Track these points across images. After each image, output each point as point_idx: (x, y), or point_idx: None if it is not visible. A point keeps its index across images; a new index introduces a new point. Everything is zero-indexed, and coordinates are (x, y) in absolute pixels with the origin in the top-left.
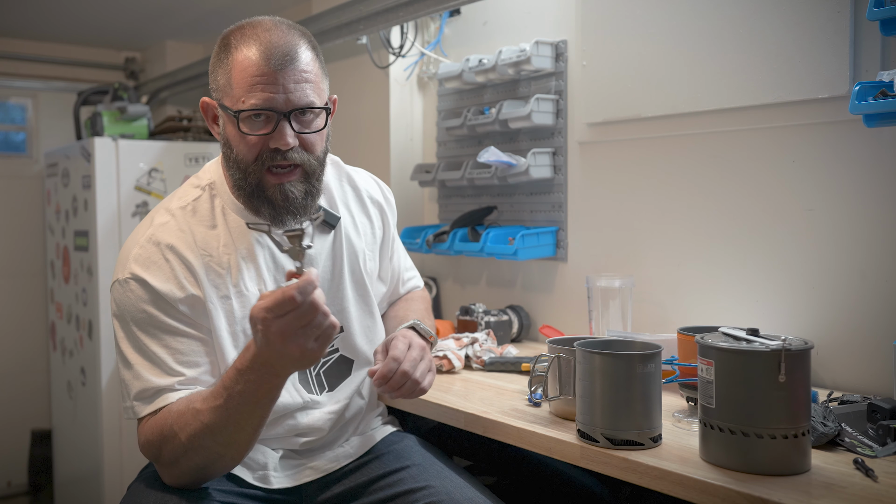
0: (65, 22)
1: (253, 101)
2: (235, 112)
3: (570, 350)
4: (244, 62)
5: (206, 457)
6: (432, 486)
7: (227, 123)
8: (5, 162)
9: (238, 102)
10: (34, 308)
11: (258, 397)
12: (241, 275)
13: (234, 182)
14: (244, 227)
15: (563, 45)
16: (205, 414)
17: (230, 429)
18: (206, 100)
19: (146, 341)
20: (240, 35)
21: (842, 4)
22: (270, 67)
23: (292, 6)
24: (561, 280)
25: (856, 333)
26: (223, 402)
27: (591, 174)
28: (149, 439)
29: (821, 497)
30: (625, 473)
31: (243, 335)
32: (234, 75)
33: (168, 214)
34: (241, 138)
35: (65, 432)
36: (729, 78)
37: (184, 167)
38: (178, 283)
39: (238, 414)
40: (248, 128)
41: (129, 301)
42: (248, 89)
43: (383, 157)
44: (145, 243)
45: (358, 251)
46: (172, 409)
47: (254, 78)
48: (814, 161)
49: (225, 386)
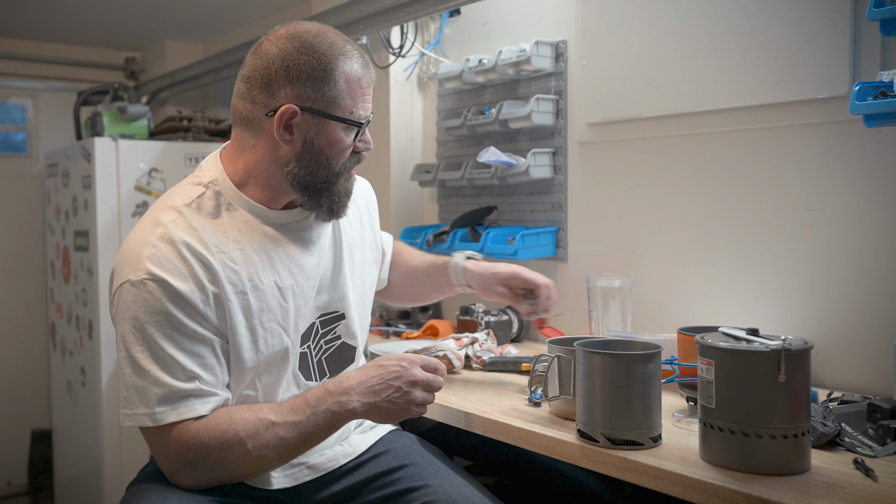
0: (65, 22)
1: (362, 111)
2: (358, 122)
3: (570, 350)
4: (353, 74)
5: (258, 466)
6: (430, 486)
7: (323, 132)
8: (5, 162)
9: (349, 112)
10: (34, 308)
11: (336, 422)
12: (254, 268)
13: (299, 180)
14: (251, 222)
15: (563, 45)
16: (281, 427)
17: (299, 445)
18: (293, 107)
19: (163, 344)
20: (329, 44)
21: (842, 4)
22: (370, 80)
23: (292, 6)
24: (561, 280)
25: (856, 333)
26: (303, 419)
27: (591, 174)
28: (203, 442)
29: (821, 497)
30: (625, 473)
31: (261, 328)
32: (345, 87)
33: (174, 212)
34: (343, 145)
35: (65, 432)
36: (729, 78)
37: (184, 167)
38: (198, 283)
39: (312, 435)
40: (353, 136)
41: (145, 303)
42: (360, 100)
43: (383, 157)
44: (157, 242)
45: (353, 241)
46: (237, 417)
47: (364, 90)
48: (814, 161)
49: (309, 404)
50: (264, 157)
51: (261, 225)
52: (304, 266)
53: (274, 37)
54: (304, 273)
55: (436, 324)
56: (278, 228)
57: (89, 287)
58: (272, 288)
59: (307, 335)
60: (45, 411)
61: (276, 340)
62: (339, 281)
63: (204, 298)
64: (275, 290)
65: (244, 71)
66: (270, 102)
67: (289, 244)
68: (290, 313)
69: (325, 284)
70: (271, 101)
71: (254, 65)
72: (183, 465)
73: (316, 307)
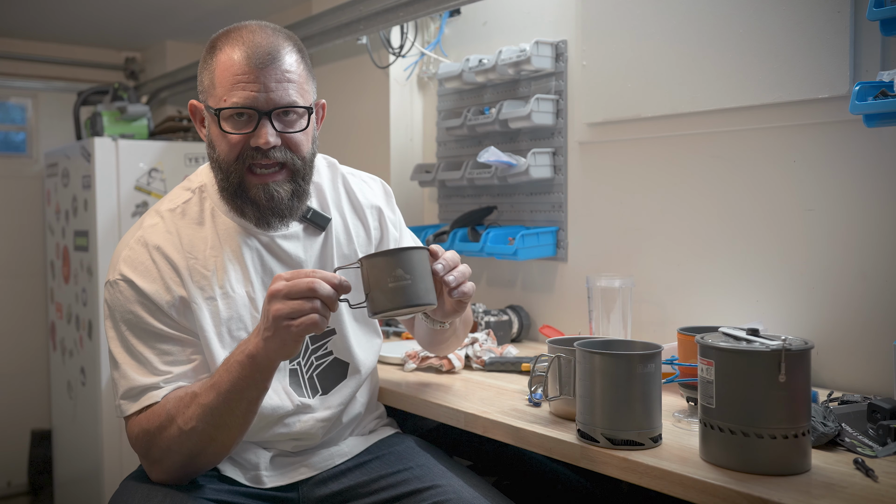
0: (65, 22)
1: (234, 99)
2: (217, 110)
3: (570, 350)
4: (227, 62)
5: (197, 442)
6: (440, 486)
7: (210, 124)
8: (5, 162)
9: (220, 101)
10: (34, 308)
11: (251, 373)
12: (227, 276)
13: (218, 183)
14: (233, 229)
15: (563, 45)
16: (201, 395)
17: (223, 408)
18: (194, 102)
19: (133, 342)
20: (225, 38)
21: (842, 4)
22: (252, 66)
23: (292, 6)
24: (561, 280)
25: (856, 333)
26: (217, 379)
27: (591, 174)
28: (145, 429)
29: (821, 497)
30: (625, 473)
31: (229, 336)
32: (217, 75)
33: (157, 216)
34: (222, 137)
35: (65, 432)
36: (729, 78)
37: (184, 167)
38: (163, 285)
39: (230, 393)
40: (229, 126)
41: (118, 302)
42: (229, 88)
43: (383, 157)
44: (134, 245)
45: (349, 255)
46: (170, 398)
47: (235, 77)
48: (814, 161)
49: (223, 364)
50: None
51: (242, 234)
52: None
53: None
54: None
55: None
56: (259, 238)
57: (89, 287)
58: (243, 297)
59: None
60: (45, 411)
61: None
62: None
63: (170, 300)
64: (245, 299)
65: None
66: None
67: (268, 255)
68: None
69: None
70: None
71: None
72: (143, 459)
73: None
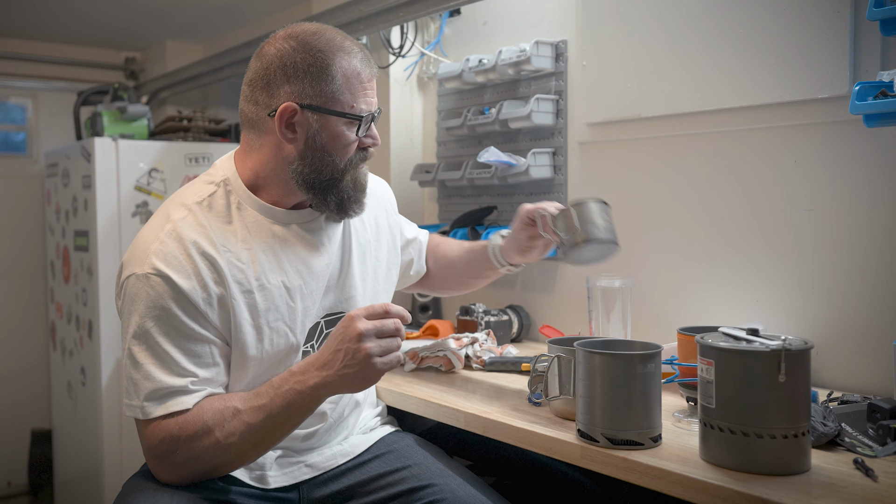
0: (65, 22)
1: (364, 106)
2: (358, 116)
3: (570, 350)
4: (351, 70)
5: (231, 455)
6: (436, 485)
7: (324, 128)
8: (5, 162)
9: (349, 107)
10: (34, 308)
11: (309, 403)
12: (261, 268)
13: (302, 179)
14: (260, 222)
15: (563, 45)
16: (246, 413)
17: (267, 430)
18: (293, 105)
19: (159, 339)
20: (330, 44)
21: (842, 4)
22: (370, 75)
23: (292, 6)
24: (561, 280)
25: (856, 333)
26: (267, 402)
27: (591, 174)
28: (173, 435)
29: (821, 497)
30: (625, 473)
31: (267, 327)
32: (343, 81)
33: (185, 209)
34: (346, 140)
35: (65, 432)
36: (729, 78)
37: (184, 167)
38: (201, 281)
39: (280, 417)
40: (362, 131)
41: (147, 296)
42: (360, 94)
43: (383, 157)
44: (165, 238)
45: (365, 242)
46: (206, 407)
47: (363, 84)
48: (814, 161)
49: (273, 386)
50: (270, 157)
51: (270, 225)
52: (312, 266)
53: (273, 38)
54: (313, 273)
55: (436, 324)
56: (288, 228)
57: (89, 287)
58: (279, 288)
59: (311, 334)
60: (45, 411)
61: (282, 340)
62: (346, 282)
63: (206, 297)
64: (282, 289)
65: (247, 75)
66: (271, 102)
67: (297, 244)
68: (297, 313)
69: (333, 285)
70: (272, 100)
71: (255, 67)
72: (158, 460)
73: (322, 307)
